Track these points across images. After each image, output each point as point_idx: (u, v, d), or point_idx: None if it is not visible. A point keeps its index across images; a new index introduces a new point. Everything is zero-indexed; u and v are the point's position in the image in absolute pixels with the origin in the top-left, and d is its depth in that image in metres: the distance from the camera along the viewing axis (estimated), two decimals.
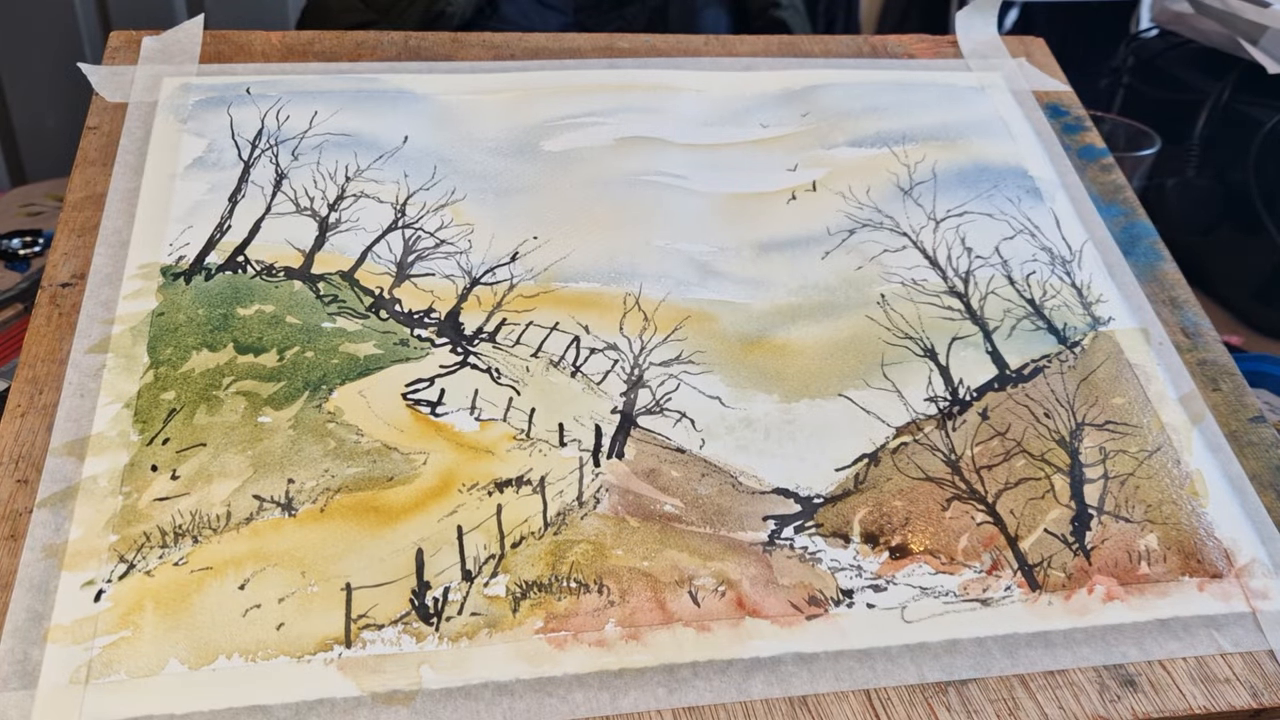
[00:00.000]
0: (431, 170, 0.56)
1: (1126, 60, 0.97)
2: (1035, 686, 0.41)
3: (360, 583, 0.41)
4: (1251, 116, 0.83)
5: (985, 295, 0.54)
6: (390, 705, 0.38)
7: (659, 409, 0.48)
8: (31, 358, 0.46)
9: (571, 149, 0.59)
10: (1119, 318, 0.54)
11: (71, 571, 0.40)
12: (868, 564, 0.44)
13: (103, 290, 0.49)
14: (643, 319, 0.52)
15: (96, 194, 0.53)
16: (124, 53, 0.60)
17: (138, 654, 0.38)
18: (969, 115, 0.63)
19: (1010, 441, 0.49)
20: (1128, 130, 0.84)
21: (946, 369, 0.51)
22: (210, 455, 0.44)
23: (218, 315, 0.48)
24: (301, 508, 0.43)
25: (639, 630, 0.41)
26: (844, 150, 0.61)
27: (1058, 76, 0.68)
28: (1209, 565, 0.45)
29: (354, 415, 0.46)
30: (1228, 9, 0.83)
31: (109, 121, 0.56)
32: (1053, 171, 0.61)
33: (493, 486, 0.44)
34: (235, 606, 0.40)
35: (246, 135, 0.56)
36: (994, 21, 0.70)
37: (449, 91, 0.61)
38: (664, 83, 0.63)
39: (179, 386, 0.46)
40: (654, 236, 0.55)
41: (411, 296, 0.51)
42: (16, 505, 0.42)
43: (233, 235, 0.51)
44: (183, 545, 0.41)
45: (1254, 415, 0.51)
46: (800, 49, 0.67)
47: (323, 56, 0.62)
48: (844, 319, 0.53)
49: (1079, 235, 0.58)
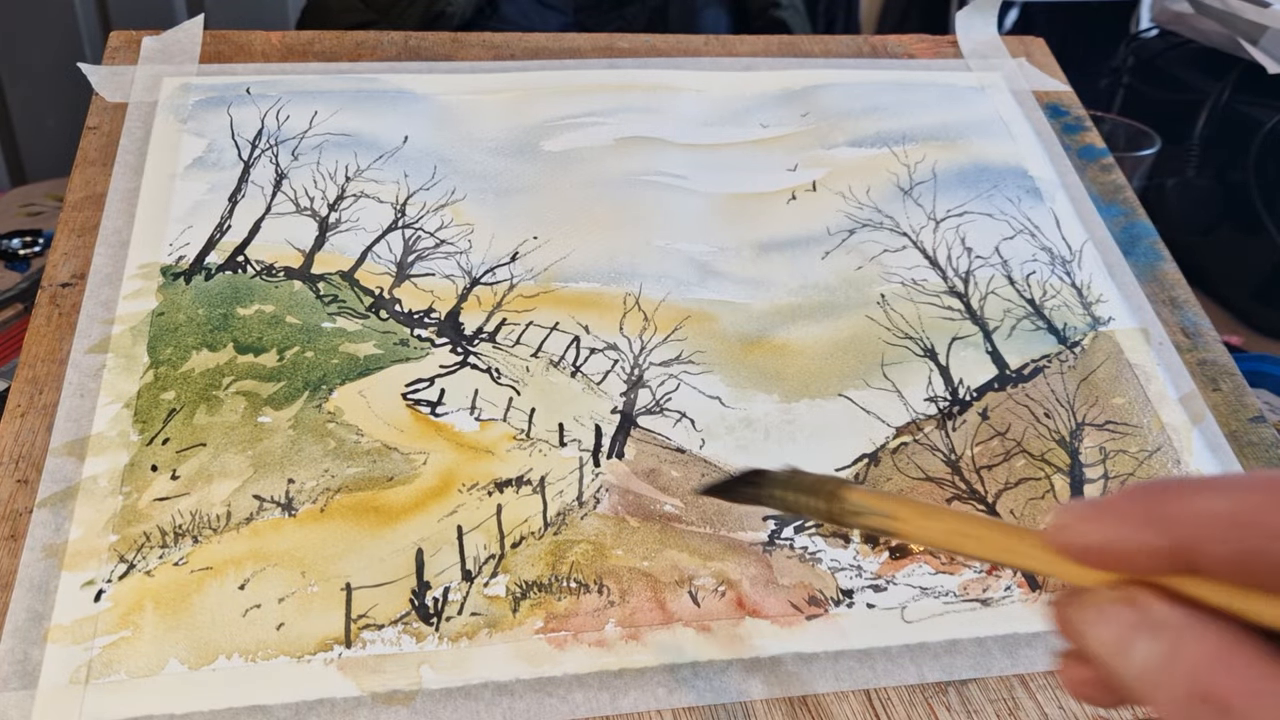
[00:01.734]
0: (431, 170, 0.56)
1: (1126, 60, 0.97)
2: (1035, 686, 0.41)
3: (360, 583, 0.41)
4: (1251, 116, 0.83)
5: (985, 295, 0.54)
6: (390, 705, 0.38)
7: (659, 409, 0.48)
8: (31, 358, 0.46)
9: (571, 149, 0.59)
10: (1119, 318, 0.54)
11: (71, 571, 0.40)
12: (868, 564, 0.44)
13: (103, 290, 0.49)
14: (643, 319, 0.52)
15: (96, 194, 0.53)
16: (124, 53, 0.60)
17: (138, 654, 0.38)
18: (969, 115, 0.63)
19: (1010, 441, 0.49)
20: (1128, 130, 0.84)
21: (946, 369, 0.51)
22: (210, 455, 0.44)
23: (218, 315, 0.48)
24: (301, 508, 0.43)
25: (639, 630, 0.41)
26: (844, 150, 0.61)
27: (1058, 76, 0.67)
28: None
29: (354, 415, 0.46)
30: (1228, 9, 0.83)
31: (109, 121, 0.56)
32: (1053, 171, 0.61)
33: (493, 486, 0.44)
34: (235, 606, 0.40)
35: (246, 135, 0.56)
36: (994, 21, 0.70)
37: (449, 91, 0.61)
38: (664, 83, 0.63)
39: (179, 386, 0.46)
40: (654, 236, 0.55)
41: (411, 296, 0.51)
42: (16, 505, 0.42)
43: (233, 235, 0.51)
44: (183, 545, 0.41)
45: (1254, 415, 0.51)
46: (800, 49, 0.67)
47: (323, 56, 0.62)
48: (844, 319, 0.53)
49: (1079, 235, 0.58)
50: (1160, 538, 0.21)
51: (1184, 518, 0.21)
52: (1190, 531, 0.21)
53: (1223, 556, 0.21)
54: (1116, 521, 0.22)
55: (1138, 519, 0.22)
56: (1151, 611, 0.21)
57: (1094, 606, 0.22)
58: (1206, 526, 0.21)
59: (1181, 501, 0.21)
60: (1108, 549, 0.22)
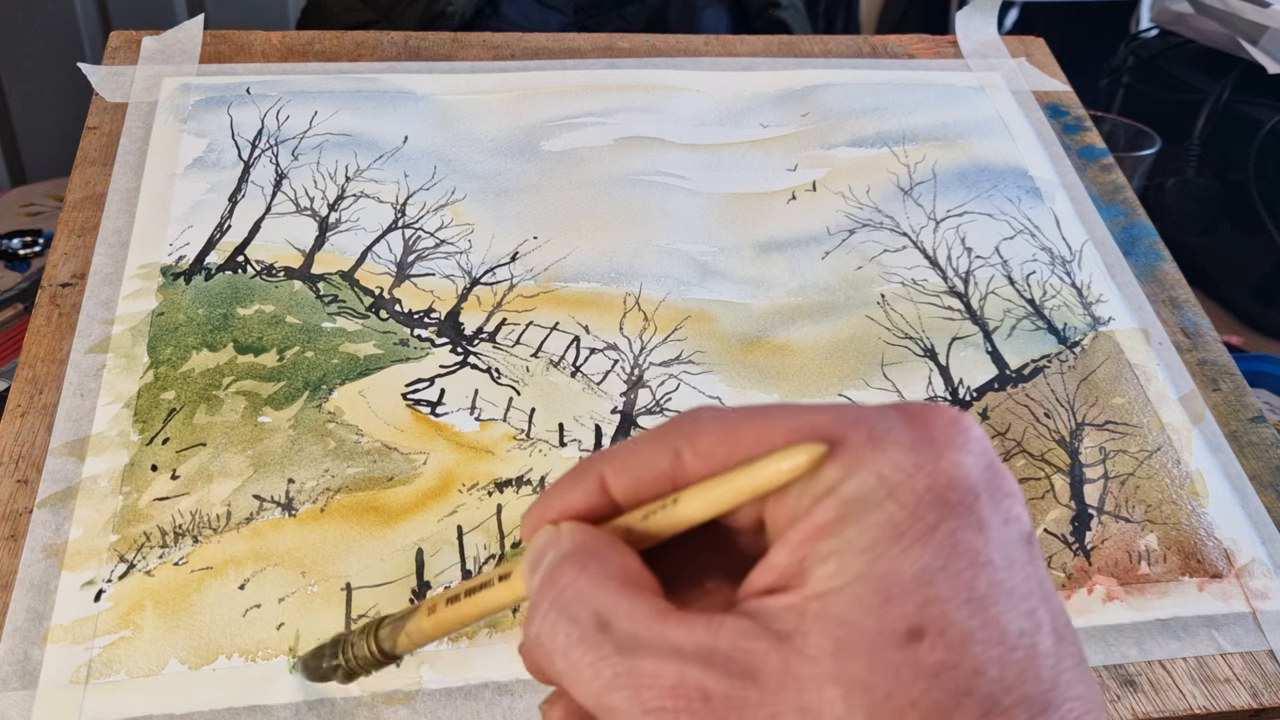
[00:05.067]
0: (431, 170, 0.56)
1: (1126, 60, 0.97)
2: None
3: (360, 583, 0.41)
4: (1251, 116, 0.83)
5: (985, 295, 0.54)
6: (390, 705, 0.38)
7: (659, 409, 0.48)
8: (31, 358, 0.46)
9: (571, 149, 0.59)
10: (1119, 318, 0.54)
11: (71, 571, 0.40)
12: None
13: (103, 290, 0.49)
14: (643, 319, 0.52)
15: (96, 194, 0.53)
16: (124, 53, 0.60)
17: (138, 654, 0.38)
18: (969, 115, 0.63)
19: (1010, 441, 0.49)
20: (1128, 130, 0.84)
21: (946, 369, 0.51)
22: (210, 455, 0.44)
23: (218, 315, 0.48)
24: (301, 508, 0.43)
25: None
26: (844, 150, 0.61)
27: (1058, 76, 0.67)
28: (1209, 565, 0.45)
29: (354, 415, 0.46)
30: (1228, 9, 0.83)
31: (109, 121, 0.56)
32: (1053, 171, 0.61)
33: (493, 486, 0.44)
34: (235, 606, 0.40)
35: (246, 135, 0.56)
36: (994, 21, 0.70)
37: (449, 91, 0.61)
38: (664, 83, 0.63)
39: (179, 386, 0.46)
40: (654, 236, 0.55)
41: (411, 296, 0.51)
42: (16, 505, 0.42)
43: (233, 235, 0.51)
44: (183, 545, 0.41)
45: (1254, 415, 0.51)
46: (800, 49, 0.67)
47: (323, 56, 0.62)
48: (844, 319, 0.53)
49: (1079, 235, 0.58)
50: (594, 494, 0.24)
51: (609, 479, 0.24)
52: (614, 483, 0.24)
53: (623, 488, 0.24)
54: (562, 491, 0.25)
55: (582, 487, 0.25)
56: (562, 530, 0.24)
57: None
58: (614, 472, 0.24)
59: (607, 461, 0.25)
60: (563, 514, 0.25)
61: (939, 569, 0.20)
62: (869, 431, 0.22)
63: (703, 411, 0.24)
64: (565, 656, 0.22)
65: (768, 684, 0.20)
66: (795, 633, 0.20)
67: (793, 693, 0.20)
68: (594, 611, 0.22)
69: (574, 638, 0.22)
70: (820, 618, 0.20)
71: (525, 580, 0.24)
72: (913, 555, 0.20)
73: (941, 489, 0.21)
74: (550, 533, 0.24)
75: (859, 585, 0.20)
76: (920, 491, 0.21)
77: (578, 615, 0.22)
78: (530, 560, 0.24)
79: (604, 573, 0.22)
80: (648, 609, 0.22)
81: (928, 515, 0.21)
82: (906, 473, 0.21)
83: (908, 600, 0.20)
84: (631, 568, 0.23)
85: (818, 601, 0.21)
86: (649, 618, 0.21)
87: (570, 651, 0.22)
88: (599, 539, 0.23)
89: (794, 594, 0.21)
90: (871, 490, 0.21)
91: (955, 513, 0.21)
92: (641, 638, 0.21)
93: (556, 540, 0.24)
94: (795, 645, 0.20)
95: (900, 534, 0.20)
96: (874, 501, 0.21)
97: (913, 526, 0.20)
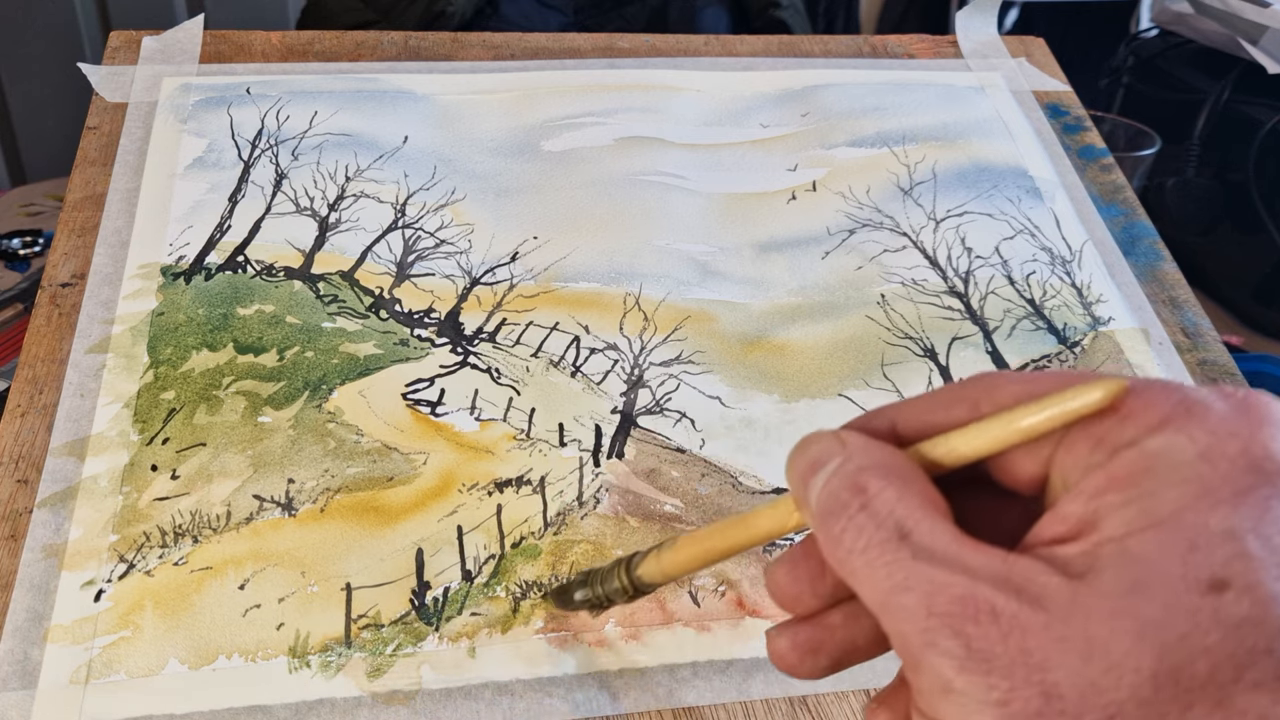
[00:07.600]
0: (431, 170, 0.56)
1: (1126, 60, 0.97)
2: None
3: (360, 583, 0.41)
4: (1251, 116, 0.83)
5: (985, 295, 0.54)
6: (390, 705, 0.38)
7: (659, 409, 0.48)
8: (31, 358, 0.46)
9: (571, 149, 0.59)
10: (1119, 318, 0.54)
11: (71, 571, 0.40)
12: None
13: (103, 290, 0.49)
14: (643, 319, 0.52)
15: (96, 194, 0.53)
16: (124, 53, 0.60)
17: (138, 654, 0.38)
18: (969, 115, 0.63)
19: None
20: (1128, 130, 0.84)
21: (946, 369, 0.51)
22: (210, 455, 0.44)
23: (218, 315, 0.48)
24: (301, 508, 0.43)
25: (639, 630, 0.41)
26: (844, 150, 0.61)
27: (1058, 76, 0.67)
28: None
29: (354, 415, 0.46)
30: (1228, 9, 0.83)
31: (109, 121, 0.56)
32: (1053, 171, 0.61)
33: (492, 486, 0.44)
34: (235, 606, 0.40)
35: (246, 135, 0.56)
36: (994, 21, 0.70)
37: (449, 91, 0.61)
38: (664, 83, 0.63)
39: (179, 386, 0.46)
40: (654, 236, 0.55)
41: (411, 296, 0.51)
42: (16, 505, 0.42)
43: (233, 235, 0.51)
44: (183, 545, 0.41)
45: None
46: (800, 49, 0.67)
47: (323, 56, 0.62)
48: (844, 319, 0.53)
49: (1079, 235, 0.58)
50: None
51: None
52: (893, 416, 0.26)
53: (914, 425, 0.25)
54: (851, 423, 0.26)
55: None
56: (849, 442, 0.25)
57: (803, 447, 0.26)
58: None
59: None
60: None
61: (1249, 530, 0.20)
62: (1181, 396, 0.22)
63: (997, 372, 0.25)
64: (864, 555, 0.23)
65: (1056, 611, 0.21)
66: (1089, 571, 0.21)
67: (1080, 621, 0.20)
68: (897, 522, 0.23)
69: (875, 539, 0.23)
70: (1117, 559, 0.21)
71: (800, 485, 0.25)
72: (1221, 512, 0.21)
73: (1257, 458, 0.21)
74: (833, 441, 0.25)
75: (1162, 531, 0.21)
76: (1233, 456, 0.21)
77: (883, 521, 0.23)
78: (809, 463, 0.25)
79: (909, 490, 0.23)
80: (945, 530, 0.22)
81: (1240, 479, 0.21)
82: (1219, 437, 0.21)
83: (1214, 551, 0.20)
84: (931, 491, 0.24)
85: (1113, 545, 0.21)
86: (946, 537, 0.22)
87: (869, 551, 0.23)
88: (902, 460, 0.24)
89: (1085, 540, 0.21)
90: (1180, 448, 0.21)
91: (1271, 481, 0.21)
92: (938, 552, 0.22)
93: (843, 448, 0.24)
94: (1088, 581, 0.21)
95: (1208, 491, 0.21)
96: (1182, 459, 0.21)
97: (1222, 487, 0.21)
